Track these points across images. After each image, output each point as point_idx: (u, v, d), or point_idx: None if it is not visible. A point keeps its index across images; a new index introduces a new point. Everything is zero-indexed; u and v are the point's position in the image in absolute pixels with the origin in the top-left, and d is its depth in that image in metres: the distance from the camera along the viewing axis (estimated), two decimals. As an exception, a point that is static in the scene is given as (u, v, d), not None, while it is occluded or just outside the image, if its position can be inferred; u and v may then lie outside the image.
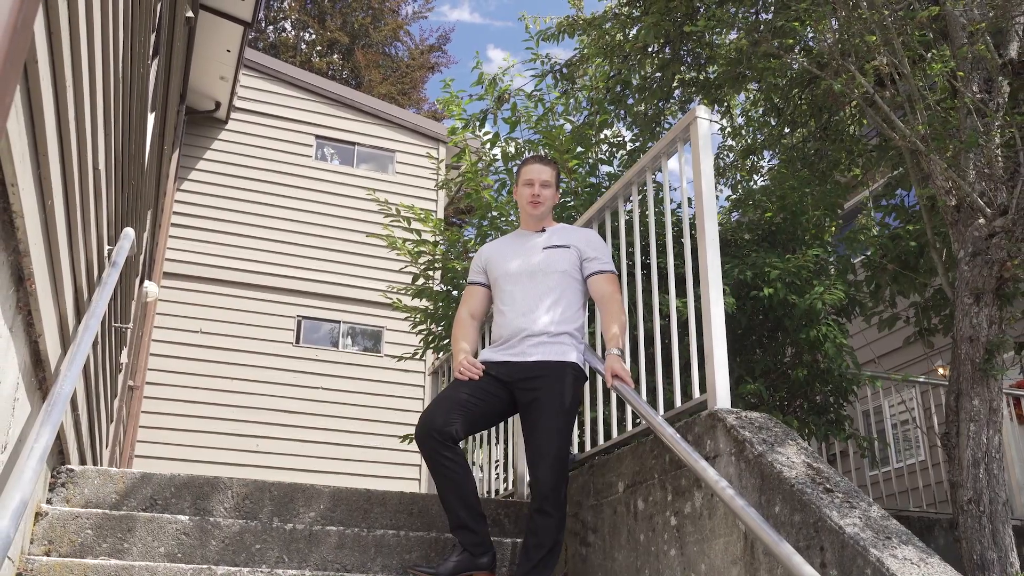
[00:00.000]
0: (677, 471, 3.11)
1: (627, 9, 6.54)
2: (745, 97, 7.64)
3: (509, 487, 4.70)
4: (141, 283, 6.66)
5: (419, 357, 6.49)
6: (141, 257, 6.29)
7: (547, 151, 5.91)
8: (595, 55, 6.78)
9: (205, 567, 2.93)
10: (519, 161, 6.02)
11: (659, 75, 6.53)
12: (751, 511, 2.49)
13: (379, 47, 26.27)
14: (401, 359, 6.95)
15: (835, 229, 5.81)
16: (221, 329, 11.85)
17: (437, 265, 6.26)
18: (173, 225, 11.76)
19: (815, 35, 5.13)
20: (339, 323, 12.57)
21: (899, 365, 9.57)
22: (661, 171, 3.65)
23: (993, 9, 3.66)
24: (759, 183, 7.52)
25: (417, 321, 6.27)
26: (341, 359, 12.37)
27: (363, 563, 3.45)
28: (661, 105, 6.86)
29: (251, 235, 12.38)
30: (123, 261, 3.47)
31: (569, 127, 6.28)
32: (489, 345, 3.64)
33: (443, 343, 6.00)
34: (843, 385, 5.02)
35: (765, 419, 2.94)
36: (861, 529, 2.35)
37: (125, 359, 6.17)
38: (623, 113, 6.93)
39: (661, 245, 4.58)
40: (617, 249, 3.87)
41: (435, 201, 13.32)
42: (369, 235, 7.56)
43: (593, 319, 4.48)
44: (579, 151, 6.01)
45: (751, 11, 6.47)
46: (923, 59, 3.85)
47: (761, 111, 7.34)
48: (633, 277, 3.77)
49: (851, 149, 6.36)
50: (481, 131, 6.55)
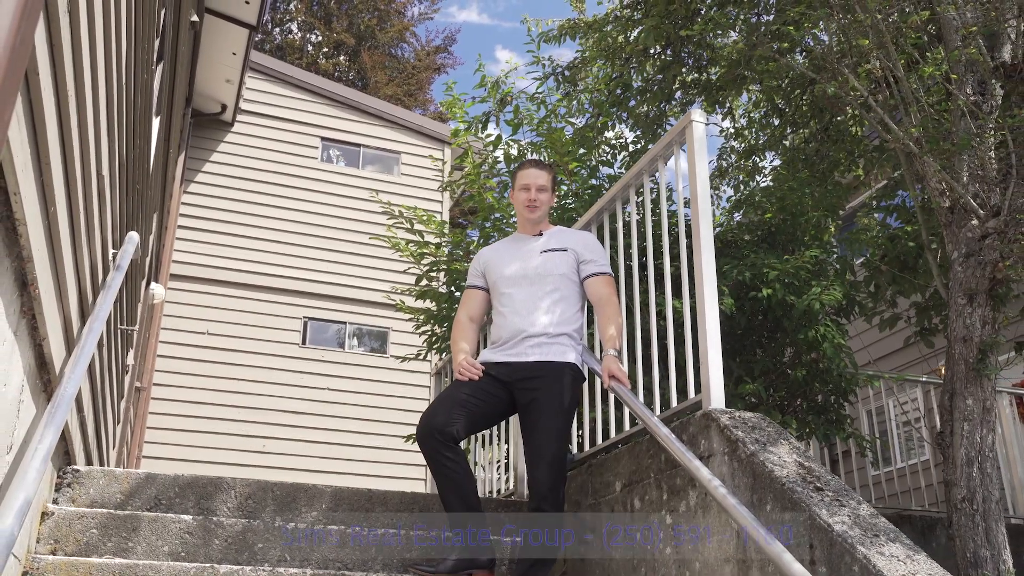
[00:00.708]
0: (672, 470, 3.15)
1: (627, 12, 6.57)
2: (747, 98, 7.66)
3: (510, 487, 4.74)
4: (147, 285, 6.71)
5: (423, 358, 6.53)
6: (147, 260, 6.34)
7: (548, 153, 5.96)
8: (596, 57, 6.81)
9: (208, 566, 2.97)
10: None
11: (660, 77, 6.55)
12: (743, 509, 2.53)
13: (385, 48, 26.34)
14: (405, 360, 7.00)
15: (834, 230, 5.83)
16: (228, 330, 11.91)
17: (442, 266, 6.30)
18: (179, 227, 11.82)
19: (810, 38, 5.16)
20: (345, 324, 12.62)
21: (901, 365, 9.58)
22: (658, 174, 3.69)
23: (985, 12, 3.69)
24: (761, 184, 7.54)
25: (420, 322, 6.32)
26: (347, 360, 12.41)
27: (364, 562, 3.49)
28: (663, 107, 6.88)
29: (257, 237, 12.44)
30: (127, 264, 3.51)
31: (571, 129, 6.32)
32: (488, 346, 3.69)
33: (446, 344, 6.05)
34: (842, 385, 5.05)
35: (758, 419, 2.98)
36: (849, 527, 2.39)
37: (131, 361, 6.22)
38: (625, 115, 6.95)
39: (659, 247, 4.62)
40: (615, 251, 3.91)
41: (440, 202, 13.35)
42: (373, 237, 7.60)
43: (592, 321, 4.53)
44: (581, 153, 6.04)
45: (752, 13, 6.49)
46: (917, 62, 3.88)
47: (763, 112, 7.36)
48: (631, 279, 3.80)
49: (852, 150, 6.37)
50: (483, 133, 6.60)
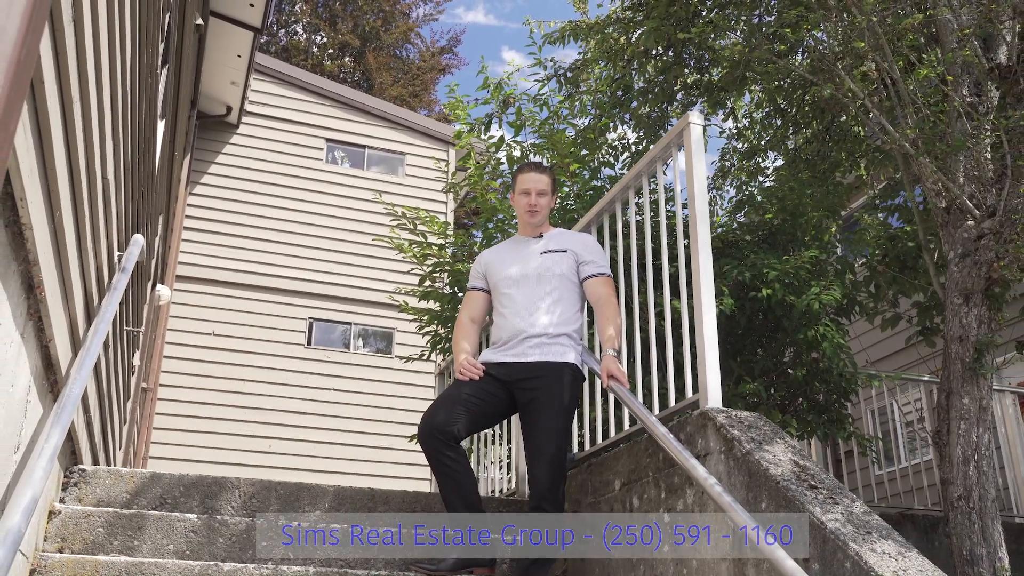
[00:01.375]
0: (670, 469, 3.19)
1: (629, 13, 6.61)
2: (750, 98, 7.68)
3: (512, 486, 4.78)
4: (153, 287, 6.76)
5: (426, 358, 6.57)
6: (153, 261, 6.39)
7: (550, 155, 5.99)
8: (598, 59, 6.84)
9: (212, 564, 3.02)
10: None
11: (661, 78, 6.58)
12: (738, 507, 2.56)
13: (390, 50, 26.39)
14: (408, 360, 7.04)
15: (835, 230, 5.85)
16: (233, 331, 11.96)
17: (446, 267, 6.34)
18: (185, 229, 11.88)
19: (811, 39, 5.18)
20: (351, 325, 12.66)
21: (904, 365, 9.58)
22: (657, 175, 3.73)
23: (981, 14, 3.71)
24: (763, 184, 7.56)
25: (424, 323, 6.36)
26: (352, 360, 12.45)
27: (366, 560, 3.54)
28: (665, 108, 6.91)
29: (263, 238, 12.49)
30: (133, 266, 3.56)
31: (572, 131, 6.35)
32: (489, 347, 3.73)
33: (449, 344, 6.09)
34: (842, 385, 5.07)
35: (754, 418, 3.01)
36: (842, 524, 2.42)
37: (138, 362, 6.27)
38: (627, 116, 6.98)
39: (658, 248, 4.65)
40: (615, 251, 3.94)
41: (445, 203, 13.39)
42: (376, 238, 7.65)
43: (592, 322, 4.56)
44: (583, 154, 6.08)
45: (754, 14, 6.52)
46: (913, 65, 3.91)
47: (765, 112, 7.38)
48: (630, 280, 3.84)
49: (853, 150, 6.40)
50: (486, 135, 6.64)
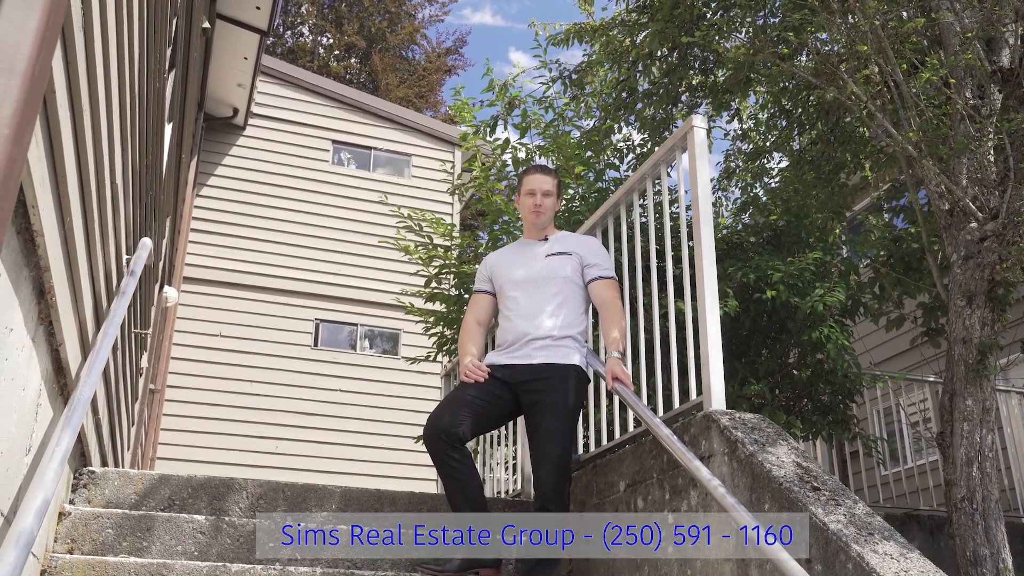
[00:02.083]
0: (674, 471, 3.21)
1: (634, 16, 6.63)
2: (755, 100, 7.70)
3: (517, 487, 4.80)
4: (161, 289, 6.79)
5: (432, 359, 6.60)
6: (160, 264, 6.43)
7: (555, 157, 6.02)
8: (603, 61, 6.87)
9: (220, 564, 3.05)
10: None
11: (666, 80, 6.61)
12: (741, 509, 2.58)
13: (396, 51, 26.45)
14: (415, 361, 7.07)
15: (839, 232, 5.86)
16: (240, 333, 12.01)
17: (452, 269, 6.37)
18: (192, 231, 11.93)
19: (816, 42, 5.20)
20: (357, 326, 12.69)
21: (910, 366, 9.58)
22: (661, 178, 3.75)
23: (984, 17, 3.73)
24: (769, 185, 7.57)
25: (430, 325, 6.39)
26: (359, 362, 12.48)
27: (373, 561, 3.56)
28: (670, 110, 6.93)
29: (269, 239, 12.53)
30: (141, 270, 3.59)
31: (577, 133, 6.38)
32: (494, 349, 3.75)
33: (455, 346, 6.11)
34: (847, 385, 5.09)
35: (758, 420, 3.03)
36: (845, 526, 2.44)
37: (145, 364, 6.31)
38: (632, 118, 7.01)
39: (662, 250, 4.67)
40: (620, 254, 3.97)
41: (451, 204, 13.42)
42: (382, 240, 7.68)
43: (597, 324, 4.59)
44: (588, 156, 6.10)
45: (759, 15, 6.54)
46: (916, 67, 3.93)
47: (769, 114, 7.40)
48: (634, 282, 3.86)
49: (857, 151, 6.41)
50: (491, 137, 6.67)
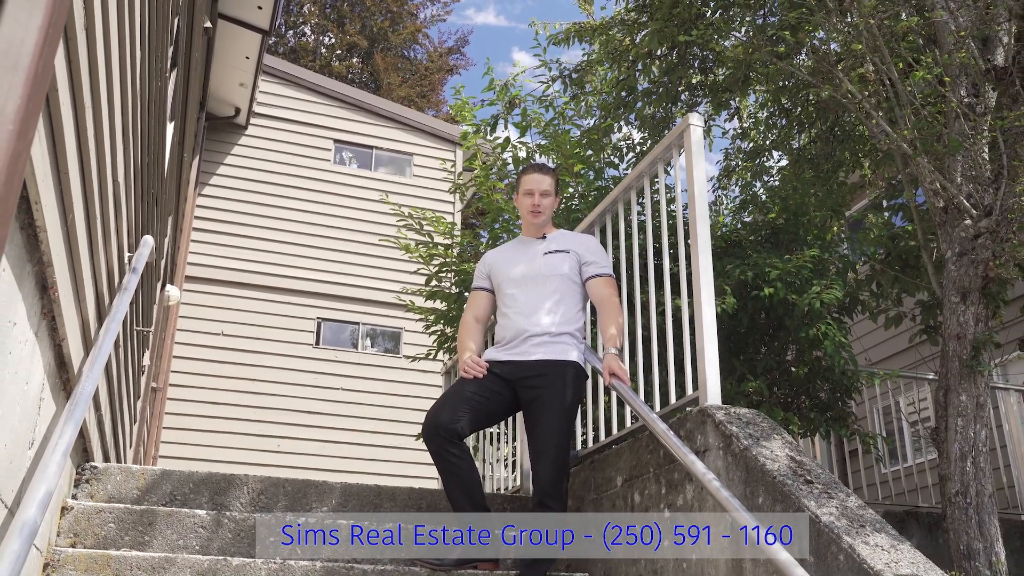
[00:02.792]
0: (671, 465, 3.24)
1: (633, 15, 6.66)
2: (755, 98, 7.72)
3: (517, 483, 4.83)
4: (163, 287, 6.83)
5: (432, 358, 6.63)
6: (162, 262, 6.47)
7: (554, 156, 6.05)
8: (602, 60, 6.89)
9: (221, 558, 3.08)
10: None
11: (666, 79, 6.63)
12: (735, 502, 2.61)
13: (398, 50, 26.50)
14: (415, 359, 7.10)
15: (837, 229, 5.89)
16: (242, 331, 12.05)
17: (452, 267, 6.40)
18: (194, 230, 11.97)
19: (815, 41, 5.22)
20: (359, 325, 12.73)
21: (910, 364, 9.60)
22: (658, 176, 3.78)
23: (978, 16, 3.75)
24: (768, 183, 7.60)
25: (431, 323, 6.42)
26: (361, 360, 12.52)
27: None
28: (670, 108, 6.96)
29: (271, 238, 12.57)
30: (143, 267, 3.62)
31: (577, 132, 6.41)
32: (493, 346, 3.78)
33: (455, 344, 6.14)
34: (844, 382, 5.12)
35: (753, 414, 3.07)
36: (836, 518, 2.47)
37: (147, 362, 6.35)
38: (632, 116, 7.03)
39: (659, 247, 4.70)
40: (617, 251, 4.00)
41: (452, 203, 13.45)
42: (382, 239, 7.71)
43: (595, 321, 4.62)
44: (588, 154, 6.13)
45: (758, 14, 6.57)
46: (911, 66, 3.96)
47: (769, 112, 7.43)
48: (632, 279, 3.90)
49: (856, 149, 6.43)
50: (492, 136, 6.69)
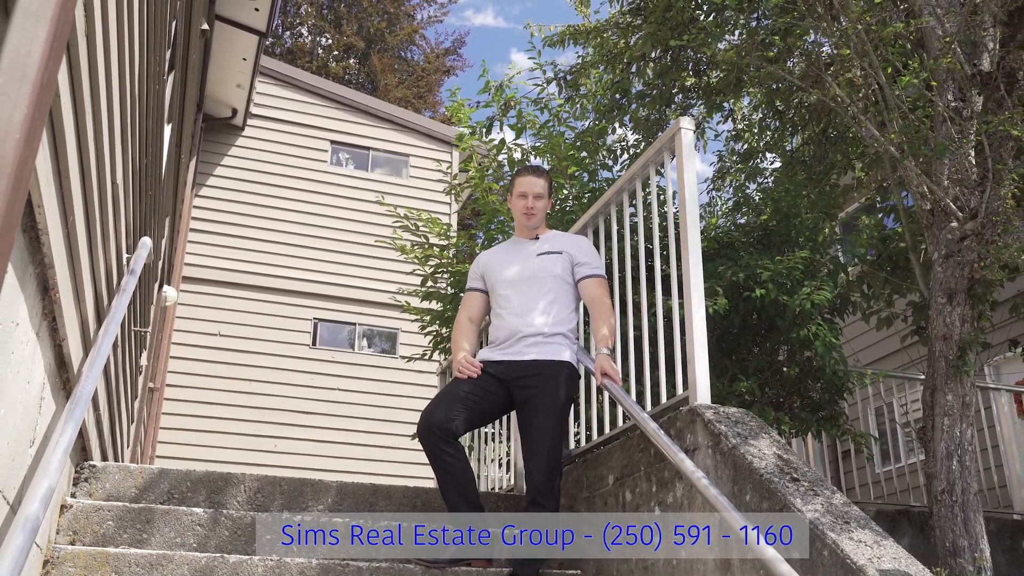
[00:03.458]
0: (661, 463, 3.29)
1: (628, 18, 6.71)
2: (748, 100, 7.77)
3: (511, 482, 4.89)
4: (160, 288, 6.87)
5: (428, 358, 6.68)
6: (159, 263, 6.51)
7: (549, 158, 6.10)
8: (597, 62, 6.94)
9: (218, 555, 3.13)
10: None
11: (660, 81, 6.68)
12: (723, 500, 2.67)
13: (395, 51, 26.53)
14: (411, 360, 7.15)
15: (828, 231, 5.95)
16: (239, 332, 12.08)
17: (447, 268, 6.45)
18: (191, 231, 12.01)
19: (808, 45, 5.28)
20: (355, 325, 12.76)
21: (902, 365, 9.65)
22: (650, 179, 3.83)
23: (964, 22, 3.81)
24: (762, 185, 7.65)
25: (426, 323, 6.47)
26: (357, 360, 12.55)
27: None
28: (664, 111, 7.01)
29: (268, 239, 12.61)
30: (140, 268, 3.67)
31: (572, 134, 6.46)
32: (487, 346, 3.83)
33: (449, 344, 6.19)
34: (835, 383, 5.17)
35: (741, 414, 3.12)
36: (822, 515, 2.53)
37: (145, 362, 6.39)
38: (626, 118, 7.08)
39: (650, 249, 4.76)
40: (610, 252, 4.05)
41: (448, 204, 13.49)
42: (379, 239, 7.76)
43: (588, 321, 4.67)
44: (582, 156, 6.19)
45: (752, 17, 6.62)
46: (899, 71, 4.01)
47: (762, 115, 7.48)
48: (624, 280, 3.95)
49: (848, 152, 6.49)
50: (487, 137, 6.75)
